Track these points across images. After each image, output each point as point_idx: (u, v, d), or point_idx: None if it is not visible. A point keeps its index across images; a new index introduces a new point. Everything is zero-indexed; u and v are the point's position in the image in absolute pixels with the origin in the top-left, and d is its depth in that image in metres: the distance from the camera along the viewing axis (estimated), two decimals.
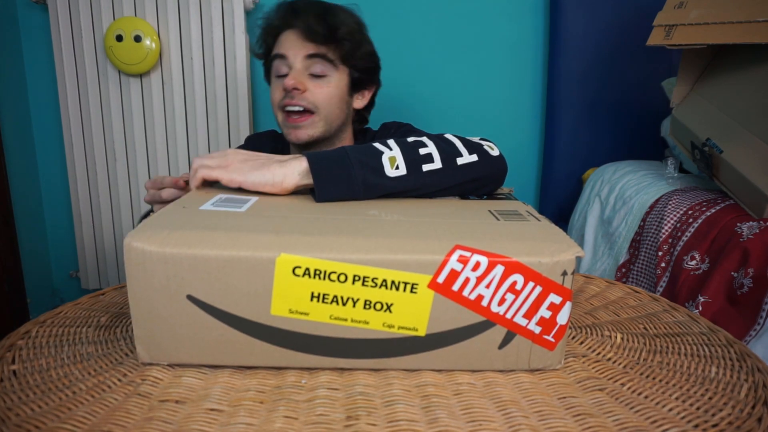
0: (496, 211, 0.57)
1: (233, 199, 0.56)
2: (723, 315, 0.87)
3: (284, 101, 0.93)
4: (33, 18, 1.51)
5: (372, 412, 0.41)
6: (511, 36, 1.58)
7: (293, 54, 0.93)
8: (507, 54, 1.59)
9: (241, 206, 0.54)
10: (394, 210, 0.56)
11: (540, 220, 0.54)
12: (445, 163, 0.62)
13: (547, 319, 0.46)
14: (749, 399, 0.44)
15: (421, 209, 0.57)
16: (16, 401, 0.42)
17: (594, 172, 1.46)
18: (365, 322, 0.45)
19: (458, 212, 0.57)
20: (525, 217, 0.55)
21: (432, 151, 0.63)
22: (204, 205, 0.53)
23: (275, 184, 0.59)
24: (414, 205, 0.59)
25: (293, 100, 0.93)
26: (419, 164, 0.61)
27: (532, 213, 0.57)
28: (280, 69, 0.95)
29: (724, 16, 1.00)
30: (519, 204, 0.62)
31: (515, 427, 0.40)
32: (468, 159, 0.64)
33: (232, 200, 0.56)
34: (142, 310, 0.44)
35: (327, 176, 0.58)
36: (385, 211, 0.55)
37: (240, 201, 0.56)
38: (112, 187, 1.54)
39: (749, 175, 0.93)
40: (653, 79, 1.44)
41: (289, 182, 0.59)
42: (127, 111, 1.50)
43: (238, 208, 0.53)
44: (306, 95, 0.93)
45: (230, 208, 0.52)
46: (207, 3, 1.44)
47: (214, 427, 0.39)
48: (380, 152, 0.61)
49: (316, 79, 0.94)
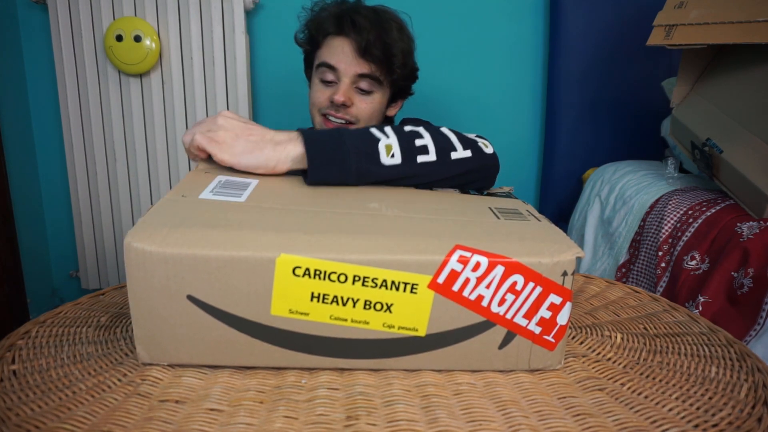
0: (497, 209, 0.57)
1: (233, 183, 0.56)
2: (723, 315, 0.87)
3: (329, 111, 0.97)
4: (33, 18, 1.51)
5: (372, 412, 0.41)
6: (511, 36, 1.58)
7: (345, 69, 0.96)
8: (507, 54, 1.59)
9: (241, 194, 0.53)
10: (395, 203, 0.56)
11: (540, 220, 0.54)
12: (439, 156, 0.63)
13: (547, 319, 0.46)
14: (749, 399, 0.44)
15: (421, 203, 0.57)
16: (16, 401, 0.42)
17: (594, 172, 1.46)
18: (365, 322, 0.45)
19: (459, 208, 0.57)
20: (525, 216, 0.55)
21: (428, 143, 0.63)
22: (203, 193, 0.52)
23: (267, 168, 0.60)
24: (415, 197, 0.59)
25: (338, 113, 0.97)
26: (414, 155, 0.62)
27: (532, 212, 0.57)
28: (326, 75, 0.97)
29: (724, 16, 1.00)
30: (519, 203, 0.62)
31: (515, 427, 0.40)
32: (462, 154, 0.65)
33: (232, 185, 0.55)
34: (142, 310, 0.44)
35: (321, 161, 0.59)
36: (386, 205, 0.55)
37: (239, 186, 0.55)
38: (112, 187, 1.54)
39: (749, 175, 0.93)
40: (653, 79, 1.44)
41: (281, 168, 0.60)
42: (127, 111, 1.50)
43: (237, 197, 0.52)
44: (351, 110, 0.97)
45: (230, 197, 0.52)
46: (207, 3, 1.44)
47: (214, 427, 0.39)
48: (377, 139, 0.61)
49: (362, 94, 0.98)
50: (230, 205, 0.50)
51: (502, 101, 1.62)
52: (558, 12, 1.50)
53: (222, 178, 0.57)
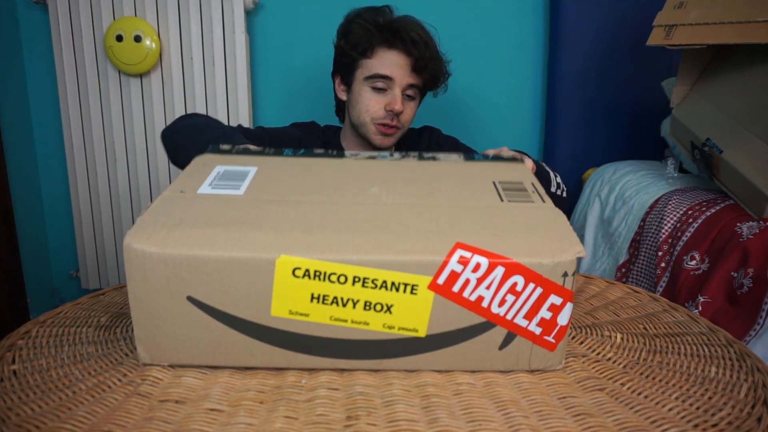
0: (501, 184, 0.56)
1: (231, 173, 0.55)
2: (723, 315, 0.87)
3: (384, 119, 1.05)
4: (33, 18, 1.51)
5: (372, 412, 0.41)
6: (511, 36, 1.58)
7: (400, 80, 1.03)
8: (507, 54, 1.59)
9: (239, 186, 0.53)
10: (396, 186, 0.55)
11: (544, 200, 0.53)
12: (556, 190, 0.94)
13: (547, 320, 0.46)
14: (749, 399, 0.44)
15: (423, 183, 0.56)
16: (16, 401, 0.42)
17: (594, 172, 1.46)
18: (365, 323, 0.45)
19: (461, 188, 0.55)
20: (529, 194, 0.54)
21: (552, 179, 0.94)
22: (202, 187, 0.52)
23: None
24: (417, 175, 0.58)
25: (393, 121, 1.05)
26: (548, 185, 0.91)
27: (537, 188, 0.55)
28: (377, 83, 1.03)
29: (724, 16, 1.00)
30: (523, 170, 0.60)
31: (515, 427, 0.40)
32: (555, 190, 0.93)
33: (230, 175, 0.55)
34: (142, 311, 0.44)
35: None
36: (387, 189, 0.54)
37: (238, 176, 0.55)
38: (112, 187, 1.54)
39: (749, 175, 0.93)
40: (653, 79, 1.44)
41: None
42: (127, 111, 1.49)
43: (236, 190, 0.52)
44: (400, 116, 1.05)
45: (228, 190, 0.52)
46: (207, 3, 1.44)
47: (214, 427, 0.39)
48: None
49: (407, 100, 1.06)
50: (229, 200, 0.50)
51: (502, 101, 1.61)
52: (558, 12, 1.50)
53: (221, 168, 0.57)
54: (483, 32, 1.57)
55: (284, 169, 0.58)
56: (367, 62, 1.04)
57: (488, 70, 1.59)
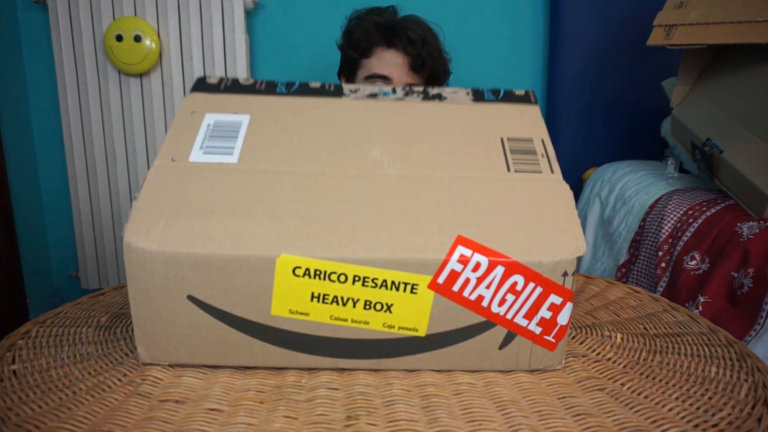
0: (509, 141, 0.53)
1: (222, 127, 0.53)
2: (723, 315, 0.87)
3: None
4: (33, 18, 1.51)
5: (372, 412, 0.41)
6: (511, 36, 1.58)
7: (398, 79, 1.04)
8: (507, 54, 1.59)
9: (232, 149, 0.51)
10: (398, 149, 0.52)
11: (552, 168, 0.51)
12: None
13: (547, 319, 0.46)
14: (749, 399, 0.43)
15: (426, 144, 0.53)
16: (16, 401, 0.42)
17: (594, 172, 1.46)
18: (365, 322, 0.45)
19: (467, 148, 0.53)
20: (537, 159, 0.52)
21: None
22: (193, 152, 0.50)
23: None
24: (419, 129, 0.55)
25: None
26: None
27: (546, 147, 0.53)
28: (376, 83, 1.04)
29: (724, 16, 1.00)
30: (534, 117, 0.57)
31: (515, 427, 0.40)
32: None
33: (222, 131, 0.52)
34: (142, 310, 0.44)
35: None
36: (388, 151, 0.52)
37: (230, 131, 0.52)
38: (112, 187, 1.54)
39: (749, 175, 0.93)
40: (653, 79, 1.44)
41: None
42: (127, 111, 1.49)
43: (228, 156, 0.50)
44: None
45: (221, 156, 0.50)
46: (207, 3, 1.44)
47: (214, 427, 0.39)
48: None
49: None
50: (222, 174, 0.49)
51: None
52: (558, 12, 1.50)
53: (210, 119, 0.53)
54: (483, 32, 1.57)
55: (278, 119, 0.54)
56: (366, 62, 1.05)
57: (488, 70, 1.59)
